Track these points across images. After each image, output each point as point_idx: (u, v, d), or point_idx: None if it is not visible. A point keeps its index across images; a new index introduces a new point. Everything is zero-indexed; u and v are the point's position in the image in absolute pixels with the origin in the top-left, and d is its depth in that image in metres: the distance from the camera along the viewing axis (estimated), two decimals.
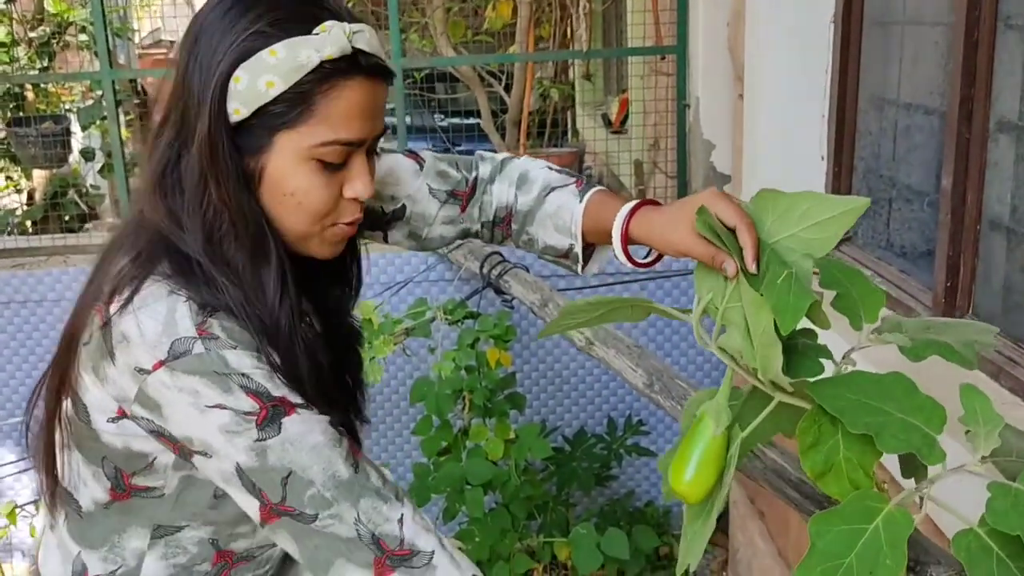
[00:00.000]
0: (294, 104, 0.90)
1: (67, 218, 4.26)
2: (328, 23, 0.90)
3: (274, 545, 1.07)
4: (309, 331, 1.03)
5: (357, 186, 0.96)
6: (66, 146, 4.26)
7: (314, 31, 0.89)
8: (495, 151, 3.98)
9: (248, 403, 0.88)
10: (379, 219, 1.21)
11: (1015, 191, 1.67)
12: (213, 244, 0.92)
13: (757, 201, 0.96)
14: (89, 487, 1.02)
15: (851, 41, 2.28)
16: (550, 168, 1.19)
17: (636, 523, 3.06)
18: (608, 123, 5.39)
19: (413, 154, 1.23)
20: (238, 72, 0.89)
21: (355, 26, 0.91)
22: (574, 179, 1.15)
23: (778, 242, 0.91)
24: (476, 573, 0.95)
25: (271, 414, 0.89)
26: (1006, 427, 0.89)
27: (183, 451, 0.93)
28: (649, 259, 1.10)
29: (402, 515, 0.93)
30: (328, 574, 0.92)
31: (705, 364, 3.26)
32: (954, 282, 1.79)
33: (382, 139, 1.02)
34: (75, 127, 4.37)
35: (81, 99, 4.92)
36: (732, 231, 0.92)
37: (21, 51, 4.43)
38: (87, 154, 4.59)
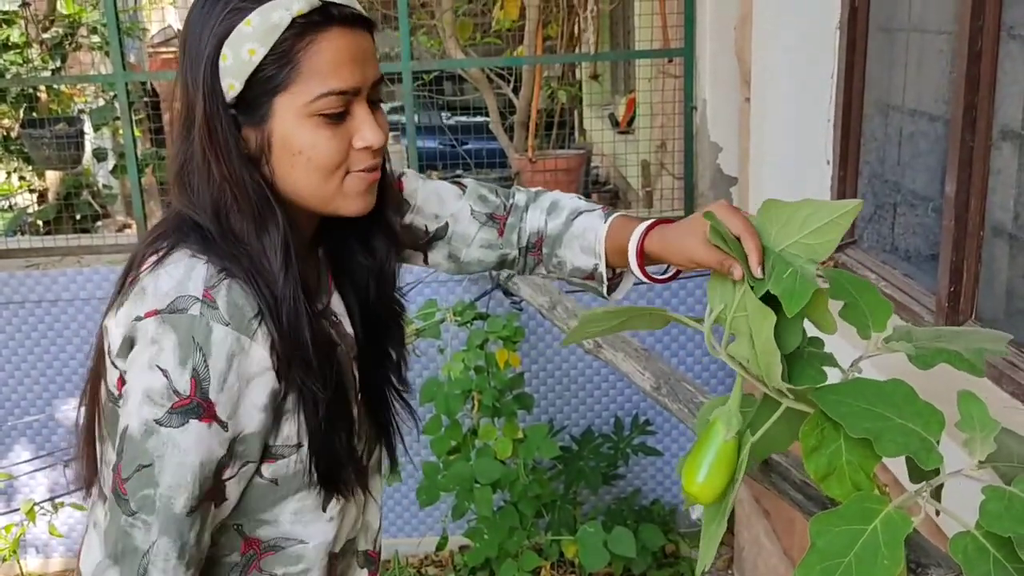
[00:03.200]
0: (281, 65, 0.95)
1: (79, 218, 4.30)
2: None
3: (303, 542, 1.09)
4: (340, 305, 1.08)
5: (366, 134, 0.99)
6: (79, 147, 4.30)
7: None
8: (503, 151, 3.99)
9: (184, 384, 0.91)
10: (422, 237, 1.25)
11: (1018, 198, 1.70)
12: (220, 218, 0.97)
13: (762, 212, 1.00)
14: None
15: (856, 47, 2.30)
16: (579, 198, 1.25)
17: (643, 521, 3.09)
18: (615, 123, 5.41)
19: (456, 182, 1.28)
20: (224, 51, 0.95)
21: None
22: (600, 206, 1.21)
23: (783, 250, 0.96)
24: None
25: (191, 406, 0.91)
26: (1006, 432, 0.92)
27: (116, 393, 0.97)
28: (666, 275, 1.16)
29: (173, 573, 0.94)
30: (98, 569, 0.95)
31: (712, 367, 3.29)
32: (957, 287, 1.81)
33: (390, 145, 1.05)
34: (88, 128, 4.41)
35: (93, 99, 4.96)
36: (739, 240, 0.97)
37: (34, 52, 4.47)
38: (99, 154, 4.63)
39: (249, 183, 0.98)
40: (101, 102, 4.75)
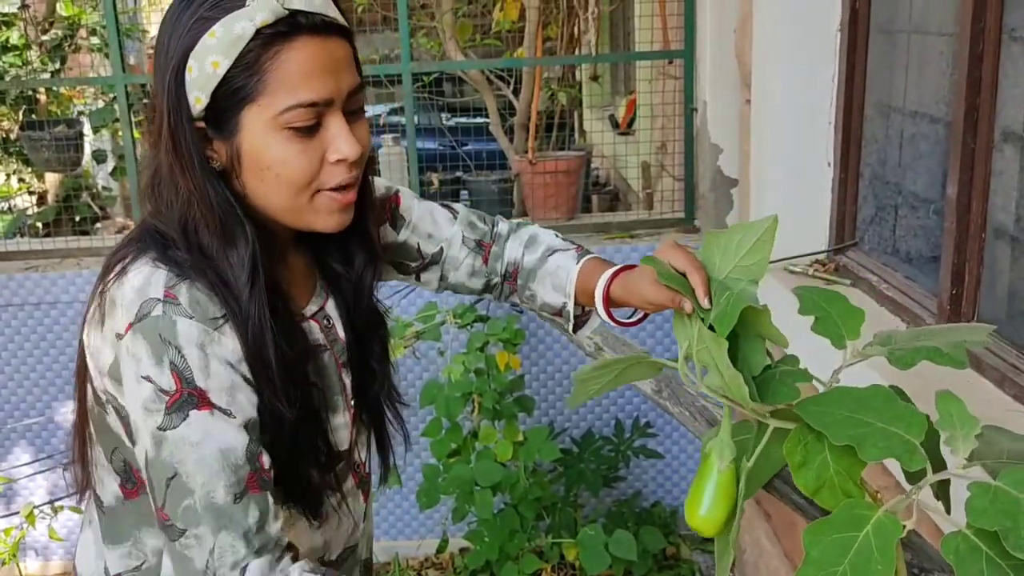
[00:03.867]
0: (247, 77, 0.92)
1: (79, 220, 4.30)
2: None
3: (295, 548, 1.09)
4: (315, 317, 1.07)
5: (341, 147, 0.96)
6: (79, 149, 4.29)
7: (247, 3, 0.91)
8: (503, 152, 3.98)
9: (169, 381, 0.89)
10: (416, 258, 1.26)
11: (1020, 200, 1.69)
12: (188, 231, 0.96)
13: (705, 244, 1.04)
14: (106, 483, 1.05)
15: (857, 49, 2.30)
16: (556, 235, 1.27)
17: (643, 524, 3.09)
18: (615, 125, 5.41)
19: (446, 205, 1.30)
20: (189, 62, 0.92)
21: None
22: (575, 246, 1.24)
23: (727, 276, 1.00)
24: None
25: (183, 399, 0.89)
26: (996, 429, 0.92)
27: (130, 436, 0.95)
28: (633, 319, 1.17)
29: (247, 565, 0.90)
30: None
31: None
32: (959, 290, 1.81)
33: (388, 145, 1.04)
34: (87, 130, 4.40)
35: (93, 100, 4.95)
36: (685, 276, 1.01)
37: (33, 54, 4.46)
38: (99, 156, 4.63)
39: (214, 198, 0.95)
40: (100, 104, 4.75)
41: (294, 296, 1.06)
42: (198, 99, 0.93)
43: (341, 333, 1.11)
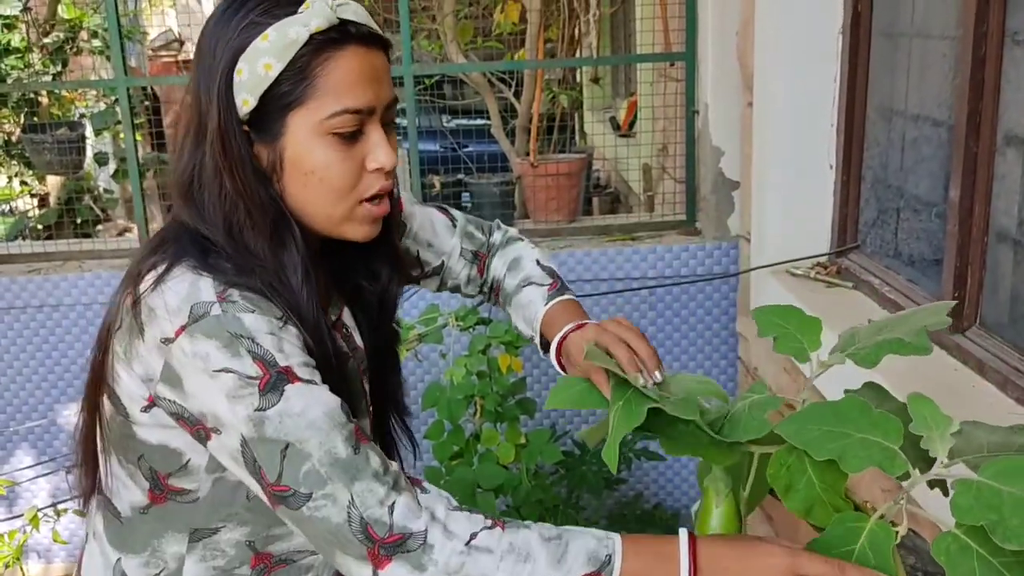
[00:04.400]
0: (296, 82, 0.94)
1: (80, 222, 4.30)
2: (311, 0, 0.94)
3: (314, 553, 1.09)
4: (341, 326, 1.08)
5: (379, 156, 0.99)
6: (81, 152, 4.30)
7: (300, 10, 0.94)
8: (504, 154, 3.97)
9: (253, 368, 0.90)
10: (415, 266, 1.29)
11: (1022, 204, 1.70)
12: (234, 234, 0.97)
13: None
14: (128, 490, 1.04)
15: (859, 52, 2.31)
16: (538, 262, 1.30)
17: (646, 526, 3.09)
18: (616, 127, 5.42)
19: (444, 210, 1.32)
20: (239, 65, 0.94)
21: (339, 0, 0.96)
22: (550, 281, 1.26)
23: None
24: (474, 530, 0.90)
25: (274, 380, 0.90)
26: (974, 424, 0.92)
27: (199, 435, 0.94)
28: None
29: (394, 502, 0.90)
30: (335, 560, 0.91)
31: (714, 371, 3.29)
32: (961, 293, 1.81)
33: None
34: (89, 133, 4.41)
35: (94, 103, 4.96)
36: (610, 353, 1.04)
37: (35, 57, 4.47)
38: (100, 159, 4.63)
39: (263, 199, 0.97)
40: (102, 106, 4.75)
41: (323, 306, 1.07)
42: (246, 101, 0.95)
43: (359, 342, 1.12)
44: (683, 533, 0.88)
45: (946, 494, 0.92)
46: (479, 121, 4.87)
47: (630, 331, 1.07)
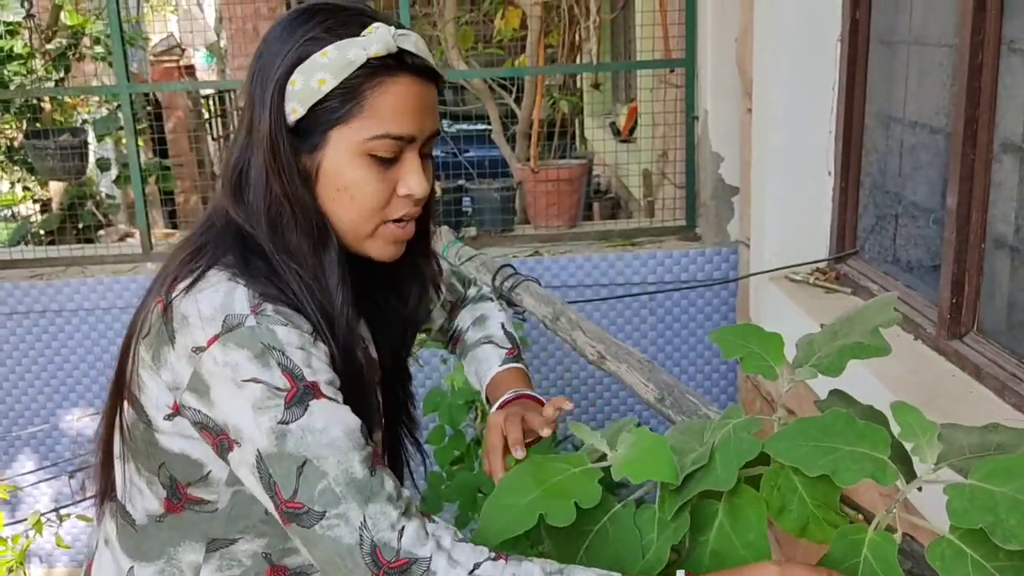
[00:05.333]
0: (345, 100, 0.97)
1: (82, 227, 4.32)
2: (374, 25, 0.98)
3: None
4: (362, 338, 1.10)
5: (411, 183, 1.01)
6: (83, 158, 4.31)
7: (362, 33, 0.98)
8: (504, 159, 3.97)
9: (281, 380, 0.91)
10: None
11: (1019, 211, 1.71)
12: (277, 234, 0.99)
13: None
14: (144, 498, 1.05)
15: (857, 59, 2.32)
16: (503, 325, 1.37)
17: None
18: (617, 132, 5.43)
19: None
20: (294, 75, 0.98)
21: (402, 30, 1.00)
22: (509, 346, 1.33)
23: None
24: (478, 560, 0.91)
25: (300, 393, 0.91)
26: (950, 427, 0.93)
27: (222, 445, 0.94)
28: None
29: (404, 527, 0.91)
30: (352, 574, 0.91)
31: (715, 376, 3.30)
32: (959, 299, 1.82)
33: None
34: (91, 138, 4.42)
35: (96, 108, 4.97)
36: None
37: (37, 63, 4.48)
38: (102, 164, 4.64)
39: (308, 203, 1.00)
40: (104, 111, 4.77)
41: None
42: (295, 110, 0.98)
43: (374, 354, 1.14)
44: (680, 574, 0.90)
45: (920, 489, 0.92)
46: (480, 126, 4.88)
47: (515, 426, 1.15)
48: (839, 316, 1.03)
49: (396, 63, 0.98)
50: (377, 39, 0.97)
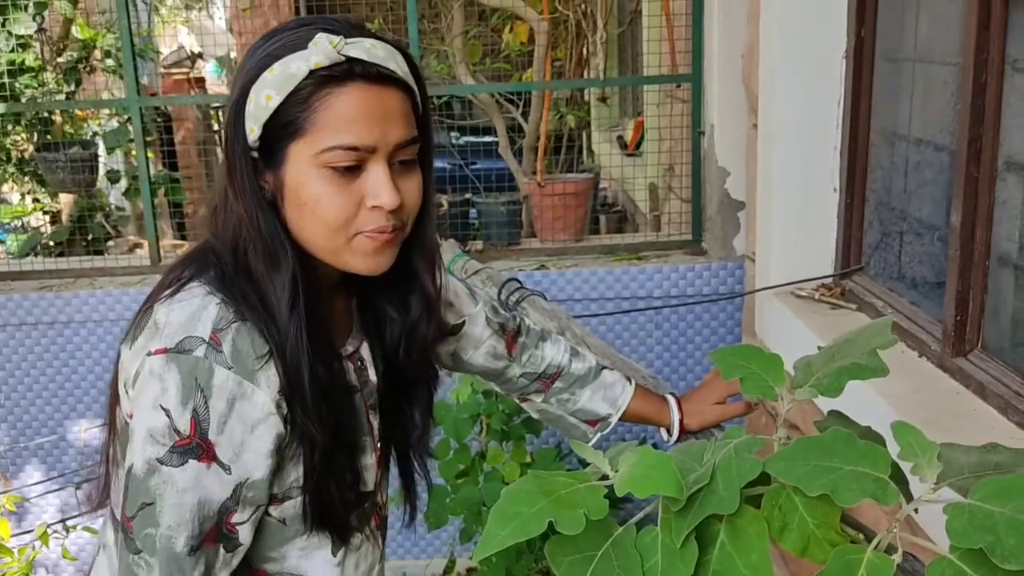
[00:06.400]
0: (297, 113, 0.97)
1: (92, 239, 4.34)
2: (319, 36, 0.97)
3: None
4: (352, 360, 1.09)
5: (380, 195, 0.98)
6: (93, 170, 4.34)
7: (308, 46, 0.97)
8: (511, 172, 3.97)
9: (185, 424, 0.92)
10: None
11: (1023, 229, 1.71)
12: (238, 255, 1.00)
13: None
14: None
15: (863, 76, 2.33)
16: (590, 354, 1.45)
17: None
18: (624, 146, 5.44)
19: (463, 283, 1.36)
20: (249, 95, 0.98)
21: (353, 39, 0.98)
22: (619, 372, 1.42)
23: None
24: None
25: (190, 447, 0.92)
26: (948, 447, 0.93)
27: (124, 441, 0.98)
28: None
29: None
30: None
31: None
32: (963, 316, 1.82)
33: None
34: (102, 151, 4.45)
35: (107, 120, 5.01)
36: None
37: (48, 75, 4.52)
38: (112, 176, 4.67)
39: (263, 224, 0.99)
40: (115, 123, 4.80)
41: (329, 333, 1.08)
42: (252, 129, 0.99)
43: (372, 376, 1.13)
44: None
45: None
46: (487, 139, 4.90)
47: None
48: (836, 338, 1.04)
49: (343, 72, 0.96)
50: (319, 50, 0.96)
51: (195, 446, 0.93)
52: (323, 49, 0.96)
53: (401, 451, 1.20)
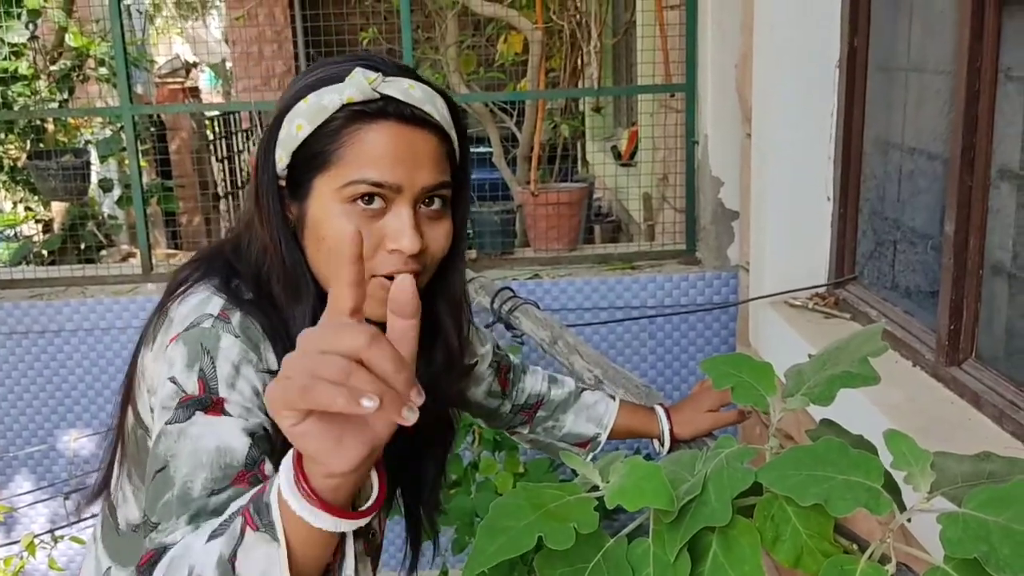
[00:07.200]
0: (325, 145, 0.96)
1: (84, 248, 4.33)
2: (356, 71, 0.96)
3: None
4: None
5: (400, 238, 0.95)
6: (85, 178, 4.33)
7: (345, 80, 0.97)
8: (505, 182, 3.98)
9: (192, 385, 0.89)
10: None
11: (1017, 238, 1.71)
12: (261, 280, 1.00)
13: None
14: (127, 506, 1.06)
15: (856, 86, 2.33)
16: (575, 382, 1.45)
17: None
18: (618, 155, 5.45)
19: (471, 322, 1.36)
20: (283, 123, 0.98)
21: (391, 78, 0.97)
22: (601, 391, 1.42)
23: None
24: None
25: (196, 400, 0.88)
26: (942, 455, 0.92)
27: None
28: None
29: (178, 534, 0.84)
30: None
31: None
32: (957, 325, 1.82)
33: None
34: (94, 159, 4.44)
35: (100, 128, 5.00)
36: None
37: (41, 84, 4.51)
38: (105, 185, 4.66)
39: (287, 253, 0.99)
40: (108, 132, 4.79)
41: None
42: (280, 158, 0.99)
43: None
44: None
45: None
46: (481, 149, 4.90)
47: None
48: (826, 347, 1.03)
49: (375, 110, 0.95)
50: (353, 84, 0.95)
51: (203, 399, 0.89)
52: (358, 84, 0.95)
53: (408, 504, 1.17)
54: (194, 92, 6.75)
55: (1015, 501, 0.78)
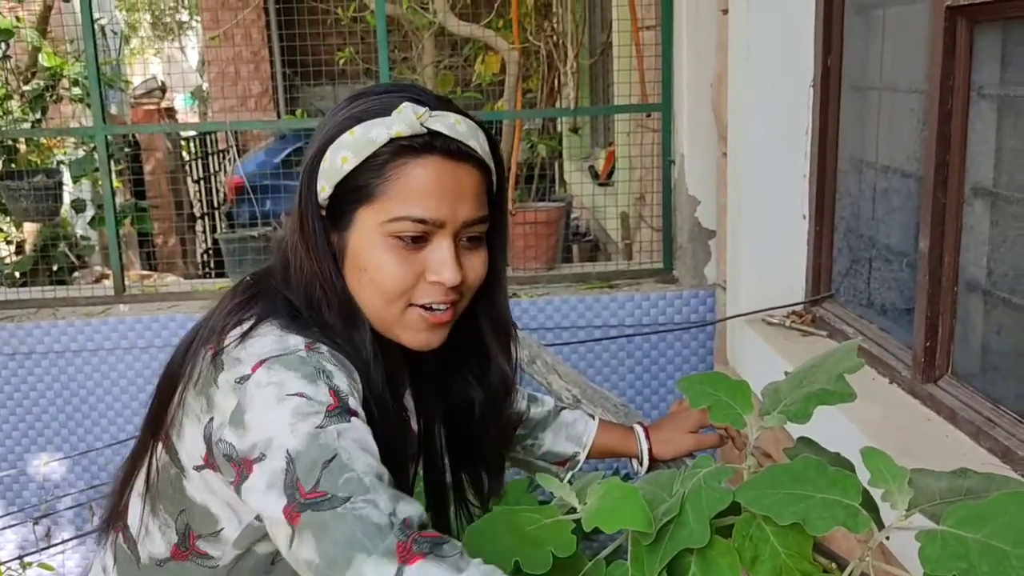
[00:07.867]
0: (370, 180, 0.96)
1: (56, 269, 4.27)
2: (404, 105, 0.97)
3: None
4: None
5: (441, 270, 0.98)
6: (58, 199, 4.28)
7: (392, 113, 0.96)
8: None
9: (325, 396, 0.88)
10: None
11: (990, 255, 1.72)
12: (312, 308, 0.99)
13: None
14: (152, 540, 1.04)
15: (830, 105, 2.35)
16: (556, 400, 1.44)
17: None
18: (595, 175, 5.46)
19: None
20: (326, 154, 0.98)
21: (438, 112, 0.97)
22: (580, 410, 1.41)
23: None
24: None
25: (342, 409, 0.88)
26: (919, 472, 0.92)
27: (241, 477, 0.88)
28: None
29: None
30: (347, 572, 0.79)
31: None
32: (933, 342, 1.82)
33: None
34: (67, 180, 4.40)
35: (73, 149, 4.96)
36: None
37: (14, 104, 4.47)
38: (77, 205, 4.62)
39: (335, 282, 0.99)
40: (81, 152, 4.75)
41: (393, 384, 1.07)
42: (323, 188, 0.98)
43: (413, 424, 1.13)
44: None
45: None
46: None
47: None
48: (803, 364, 1.03)
49: (422, 144, 0.96)
50: (401, 119, 0.95)
51: (347, 408, 0.89)
52: (407, 118, 0.96)
53: (440, 503, 1.21)
54: (170, 113, 6.71)
55: (993, 518, 0.77)
